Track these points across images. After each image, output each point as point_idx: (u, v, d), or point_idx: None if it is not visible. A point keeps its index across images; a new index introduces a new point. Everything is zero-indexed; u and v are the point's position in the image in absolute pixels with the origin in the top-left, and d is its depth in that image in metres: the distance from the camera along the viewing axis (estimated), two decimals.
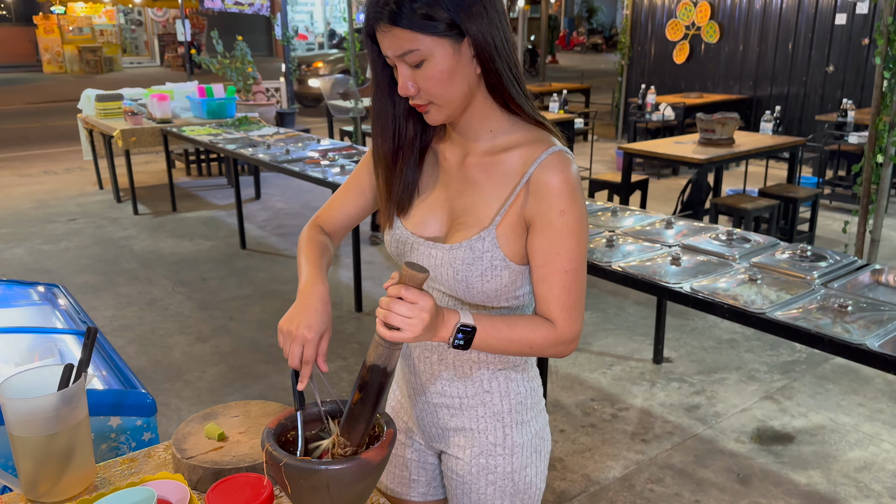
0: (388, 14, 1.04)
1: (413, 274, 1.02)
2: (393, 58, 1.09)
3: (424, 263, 1.19)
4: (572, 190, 1.12)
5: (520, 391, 1.27)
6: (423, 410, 1.31)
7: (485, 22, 1.07)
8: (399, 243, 1.25)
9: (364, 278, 4.46)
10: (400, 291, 1.02)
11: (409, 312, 1.01)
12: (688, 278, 2.42)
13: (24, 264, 5.15)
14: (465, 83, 1.10)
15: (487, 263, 1.15)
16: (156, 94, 6.54)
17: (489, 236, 1.15)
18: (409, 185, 1.23)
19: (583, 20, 31.74)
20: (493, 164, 1.17)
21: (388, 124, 1.19)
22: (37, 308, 2.19)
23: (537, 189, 1.12)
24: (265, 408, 1.38)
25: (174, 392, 3.41)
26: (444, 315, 1.07)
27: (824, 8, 8.19)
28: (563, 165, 1.12)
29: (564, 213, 1.12)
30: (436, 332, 1.06)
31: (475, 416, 1.27)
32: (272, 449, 1.02)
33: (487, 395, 1.26)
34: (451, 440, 1.29)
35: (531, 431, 1.29)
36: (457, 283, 1.17)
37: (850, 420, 3.14)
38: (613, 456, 2.89)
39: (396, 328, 1.02)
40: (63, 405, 1.18)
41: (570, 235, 1.12)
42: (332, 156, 4.74)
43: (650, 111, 8.17)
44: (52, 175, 8.10)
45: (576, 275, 1.14)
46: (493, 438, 1.26)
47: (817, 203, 5.41)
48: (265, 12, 9.74)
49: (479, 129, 1.18)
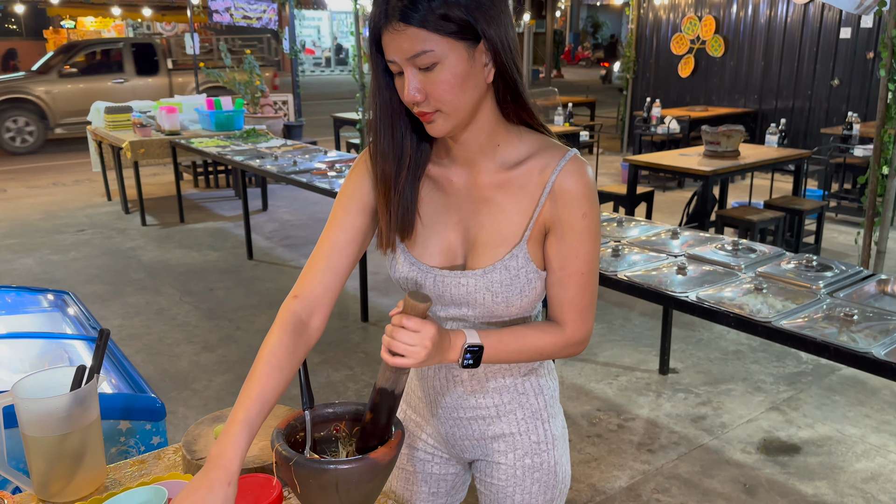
0: (400, 12, 0.99)
1: (415, 304, 1.04)
2: (401, 61, 1.03)
3: (455, 293, 1.17)
4: (591, 193, 1.14)
5: (549, 385, 1.30)
6: (454, 426, 1.29)
7: (500, 26, 1.04)
8: (414, 278, 1.18)
9: (370, 288, 4.48)
10: (402, 320, 1.04)
11: (412, 340, 1.03)
12: (693, 287, 2.43)
13: (33, 274, 5.18)
14: (476, 91, 1.06)
15: (524, 279, 1.15)
16: (164, 107, 6.60)
17: (521, 253, 1.14)
18: (409, 206, 1.16)
19: (588, 35, 31.89)
20: (509, 180, 1.15)
21: (392, 142, 1.14)
22: (47, 314, 2.21)
23: (561, 195, 1.13)
24: (274, 410, 1.40)
25: (181, 400, 3.42)
26: (449, 339, 1.09)
27: (829, 22, 8.23)
28: (581, 170, 1.14)
29: (586, 216, 1.13)
30: (443, 356, 1.08)
31: (514, 419, 1.27)
32: (282, 448, 1.03)
33: (524, 396, 1.27)
34: (489, 447, 1.29)
35: (560, 423, 1.32)
36: (496, 305, 1.15)
37: (857, 431, 3.13)
38: (619, 466, 2.89)
39: (401, 355, 1.04)
40: (75, 406, 1.19)
41: (588, 238, 1.14)
42: (338, 167, 4.77)
43: (655, 124, 8.20)
44: (61, 186, 8.16)
45: (591, 276, 1.16)
46: (535, 437, 1.28)
47: (823, 215, 5.41)
48: (273, 26, 9.83)
49: (485, 145, 1.14)
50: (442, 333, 1.07)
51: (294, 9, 8.88)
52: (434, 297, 1.19)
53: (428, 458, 1.36)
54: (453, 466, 1.37)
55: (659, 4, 9.93)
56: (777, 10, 8.68)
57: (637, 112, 9.32)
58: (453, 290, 1.16)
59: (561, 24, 30.28)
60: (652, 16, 10.03)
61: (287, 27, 9.29)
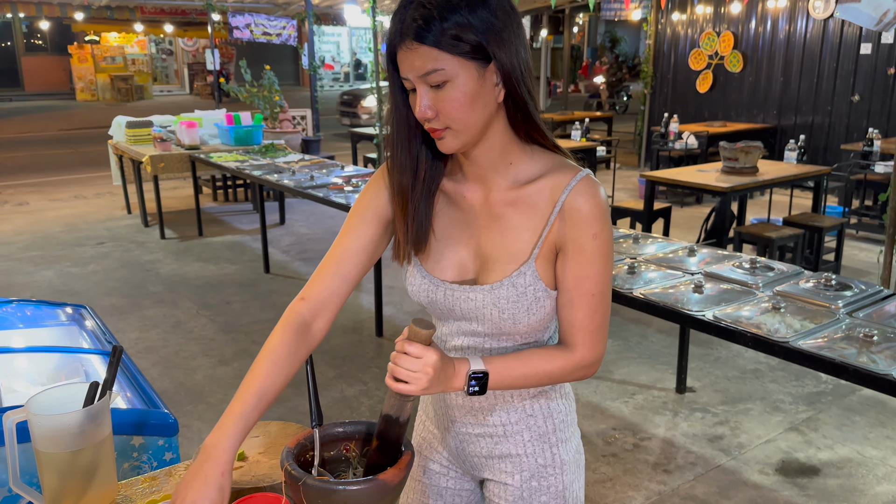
0: (414, 31, 1.02)
1: (418, 331, 1.05)
2: (414, 79, 1.06)
3: (464, 308, 1.18)
4: (603, 213, 1.13)
5: (560, 409, 1.28)
6: (464, 441, 1.30)
7: (512, 49, 1.07)
8: (427, 291, 1.21)
9: (385, 303, 4.48)
10: (404, 347, 1.04)
11: (414, 367, 1.04)
12: (710, 306, 2.40)
13: (52, 286, 5.24)
14: (486, 110, 1.09)
15: (532, 297, 1.15)
16: (184, 122, 6.68)
17: (529, 270, 1.14)
18: (423, 220, 1.19)
19: (606, 50, 31.91)
20: (520, 197, 1.16)
21: (408, 156, 1.16)
22: (64, 328, 2.23)
23: (571, 215, 1.13)
24: (285, 429, 1.40)
25: (196, 414, 3.43)
26: (453, 366, 1.09)
27: (849, 37, 8.17)
28: (593, 190, 1.13)
29: (597, 237, 1.12)
30: (447, 384, 1.09)
31: (521, 441, 1.27)
32: (291, 468, 1.03)
33: (531, 418, 1.26)
34: (496, 467, 1.29)
35: (573, 447, 1.30)
36: (503, 321, 1.16)
37: (878, 453, 3.07)
38: (635, 486, 2.86)
39: (404, 381, 1.05)
40: (88, 422, 1.20)
41: (599, 259, 1.13)
42: (355, 182, 4.80)
43: (673, 140, 8.16)
44: (83, 199, 8.27)
45: (602, 298, 1.15)
46: (542, 460, 1.27)
47: (843, 232, 5.35)
48: (293, 42, 9.93)
49: (497, 162, 1.16)
50: (445, 361, 1.07)
51: (314, 25, 8.97)
52: (445, 310, 1.21)
53: (444, 472, 1.36)
54: (468, 483, 1.36)
55: (677, 20, 9.92)
56: (796, 26, 8.64)
57: (655, 127, 9.30)
58: (463, 305, 1.18)
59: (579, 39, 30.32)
60: (670, 31, 10.02)
61: (307, 43, 9.38)
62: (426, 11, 1.02)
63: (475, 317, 1.18)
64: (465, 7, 1.02)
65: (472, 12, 1.02)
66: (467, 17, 1.02)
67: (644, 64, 10.52)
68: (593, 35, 32.11)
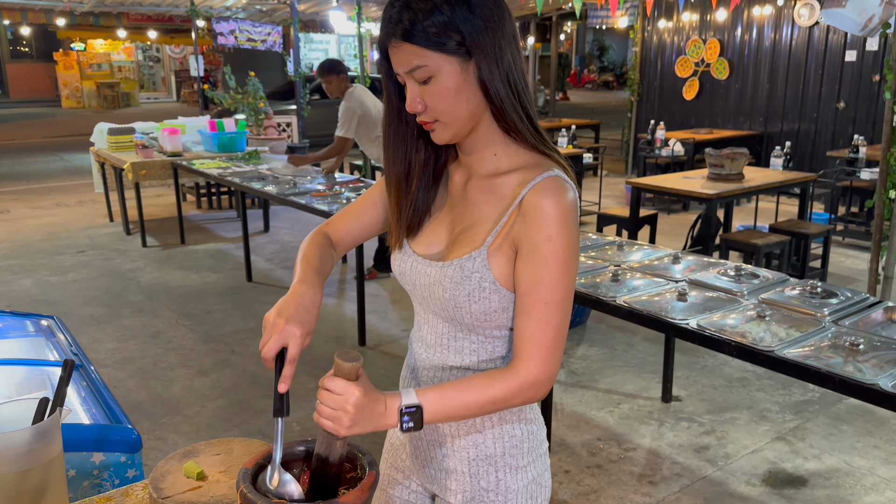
0: (401, 31, 1.07)
1: (341, 364, 0.99)
2: (402, 74, 1.11)
3: (419, 282, 1.20)
4: (563, 216, 1.08)
5: (515, 433, 1.21)
6: (419, 448, 1.26)
7: (494, 48, 1.08)
8: (399, 261, 1.25)
9: (368, 312, 4.42)
10: (324, 383, 0.99)
11: (334, 405, 0.99)
12: (695, 314, 2.36)
13: (30, 296, 5.15)
14: (471, 102, 1.10)
15: (476, 284, 1.12)
16: (167, 128, 6.60)
17: (480, 257, 1.13)
18: (420, 207, 1.22)
19: (594, 58, 32.03)
20: (493, 186, 1.17)
21: (400, 146, 1.20)
22: (30, 340, 2.16)
23: (528, 211, 1.10)
24: (248, 446, 1.33)
25: (172, 427, 3.35)
26: (384, 403, 1.03)
27: (834, 45, 8.21)
28: (556, 190, 1.09)
29: (551, 239, 1.08)
30: (377, 422, 1.02)
31: (466, 458, 1.21)
32: (247, 490, 0.97)
33: (479, 435, 1.20)
34: (444, 483, 1.24)
35: (527, 477, 1.22)
36: (446, 301, 1.16)
37: (866, 463, 3.03)
38: (619, 499, 2.80)
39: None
40: (36, 440, 1.13)
41: (555, 264, 1.08)
42: (337, 189, 4.74)
43: (659, 147, 8.16)
44: (64, 207, 8.16)
45: (556, 308, 1.09)
46: (484, 483, 1.20)
47: (829, 239, 5.34)
48: (278, 49, 9.87)
49: (483, 152, 1.18)
50: (373, 397, 1.01)
51: (300, 32, 8.90)
52: (410, 284, 1.24)
53: (406, 484, 1.32)
54: (428, 500, 1.32)
55: (663, 27, 9.94)
56: (782, 33, 8.67)
57: (641, 134, 9.29)
58: (421, 279, 1.20)
59: (567, 47, 30.43)
60: (656, 39, 10.03)
61: (292, 49, 9.32)
62: (409, 11, 1.06)
63: (430, 294, 1.18)
64: (446, 5, 1.06)
65: (454, 11, 1.06)
66: (448, 16, 1.06)
67: (631, 71, 10.53)
68: (581, 43, 32.24)
